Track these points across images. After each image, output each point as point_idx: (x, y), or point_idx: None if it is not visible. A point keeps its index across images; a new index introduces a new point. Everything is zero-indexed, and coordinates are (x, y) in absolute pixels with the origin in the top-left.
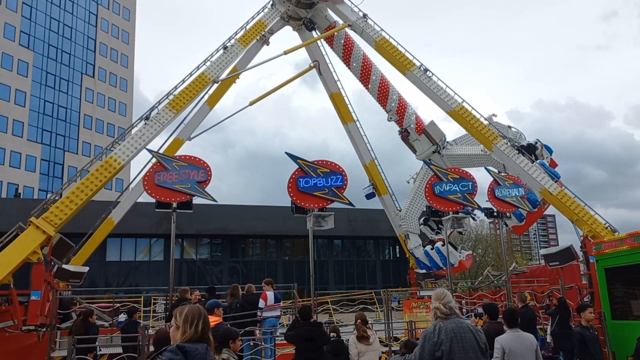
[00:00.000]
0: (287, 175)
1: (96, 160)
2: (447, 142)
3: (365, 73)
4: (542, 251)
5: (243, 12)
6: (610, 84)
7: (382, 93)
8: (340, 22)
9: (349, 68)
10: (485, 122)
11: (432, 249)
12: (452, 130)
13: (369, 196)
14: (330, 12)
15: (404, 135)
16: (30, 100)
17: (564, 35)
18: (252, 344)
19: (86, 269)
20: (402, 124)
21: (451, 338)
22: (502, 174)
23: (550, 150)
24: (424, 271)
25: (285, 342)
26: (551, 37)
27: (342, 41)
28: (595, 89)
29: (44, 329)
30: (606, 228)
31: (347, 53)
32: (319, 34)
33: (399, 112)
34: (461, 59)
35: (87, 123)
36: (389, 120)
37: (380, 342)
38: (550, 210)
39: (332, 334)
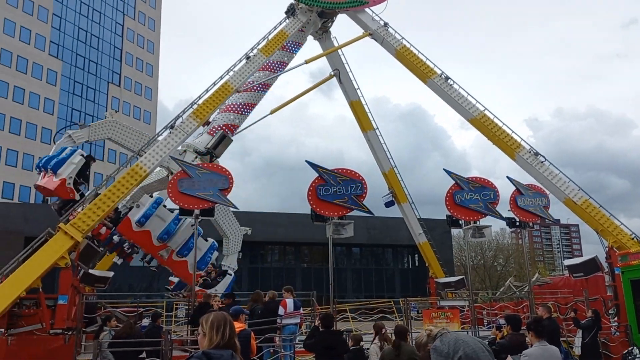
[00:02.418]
0: (304, 183)
1: (123, 167)
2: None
3: (268, 66)
4: (566, 262)
5: (261, 23)
6: (631, 92)
7: (250, 87)
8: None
9: (259, 70)
10: (508, 131)
11: None
12: (471, 137)
13: (389, 204)
14: (310, 28)
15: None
16: (59, 108)
17: (582, 43)
18: (272, 350)
19: (111, 273)
20: (218, 112)
21: (461, 344)
22: None
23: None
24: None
25: (304, 349)
26: (570, 46)
27: (296, 39)
28: (616, 97)
29: (71, 333)
30: (632, 239)
31: (286, 47)
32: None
33: (230, 107)
34: (477, 67)
35: None
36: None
37: None
38: (574, 219)
39: (360, 343)
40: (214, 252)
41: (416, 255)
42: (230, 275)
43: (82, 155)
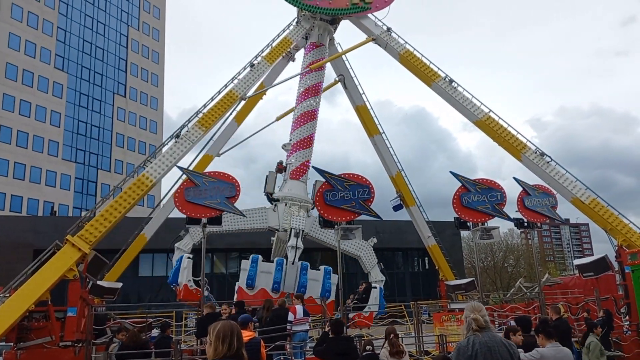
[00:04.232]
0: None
1: (129, 178)
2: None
3: (306, 94)
4: (576, 262)
5: (265, 31)
6: (633, 90)
7: (300, 120)
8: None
9: (301, 79)
10: (513, 132)
11: None
12: (475, 140)
13: (397, 208)
14: (325, 34)
15: (280, 167)
16: (65, 120)
17: (581, 42)
18: (282, 358)
19: (119, 284)
20: (288, 158)
21: (485, 352)
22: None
23: None
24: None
25: (314, 356)
26: (569, 45)
27: (318, 57)
28: (619, 94)
29: (81, 345)
30: None
31: (313, 88)
32: (307, 41)
33: (294, 146)
34: (477, 69)
35: (120, 141)
36: (283, 148)
37: (411, 356)
38: (584, 219)
39: (367, 347)
40: (332, 276)
41: (426, 258)
42: (375, 287)
43: (189, 257)
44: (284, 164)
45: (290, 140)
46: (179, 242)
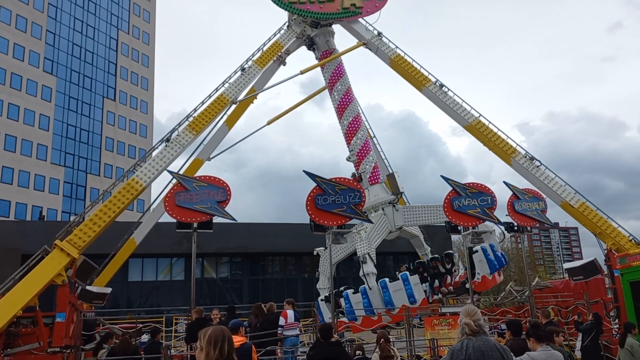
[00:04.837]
0: (301, 193)
1: (118, 182)
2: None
3: (342, 105)
4: (566, 265)
5: (251, 37)
6: (620, 95)
7: (351, 130)
8: (336, 47)
9: (330, 94)
10: (503, 136)
11: (354, 292)
12: (465, 144)
13: None
14: (331, 39)
15: (356, 179)
16: (54, 124)
17: (568, 48)
18: None
19: (109, 290)
20: (358, 168)
21: (478, 356)
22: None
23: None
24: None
25: None
26: (557, 51)
27: (334, 66)
28: (607, 99)
29: (69, 351)
30: (630, 241)
31: (333, 79)
32: (317, 53)
33: (359, 155)
34: (465, 75)
35: (109, 145)
36: (348, 160)
37: None
38: (573, 222)
39: (357, 352)
40: (410, 279)
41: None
42: (477, 251)
43: (322, 300)
44: (357, 174)
45: (352, 150)
46: (317, 283)
